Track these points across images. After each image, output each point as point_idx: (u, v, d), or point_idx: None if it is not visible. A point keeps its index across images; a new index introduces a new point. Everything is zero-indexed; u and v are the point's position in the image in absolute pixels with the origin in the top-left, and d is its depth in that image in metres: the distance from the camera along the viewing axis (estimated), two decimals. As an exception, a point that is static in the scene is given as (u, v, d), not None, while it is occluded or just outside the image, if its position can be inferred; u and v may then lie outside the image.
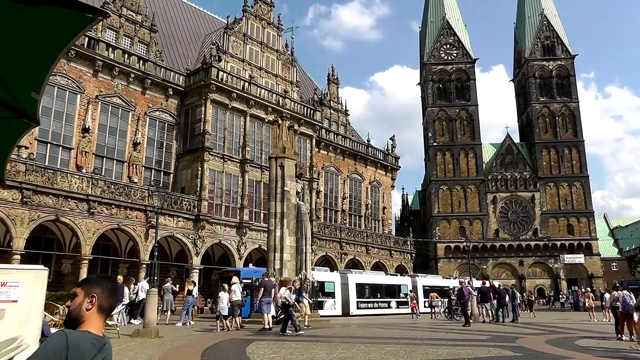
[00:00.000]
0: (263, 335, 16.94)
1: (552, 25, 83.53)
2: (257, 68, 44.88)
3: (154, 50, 39.23)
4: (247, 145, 40.80)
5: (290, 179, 25.78)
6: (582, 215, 76.61)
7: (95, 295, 2.49)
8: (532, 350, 13.15)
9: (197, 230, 36.62)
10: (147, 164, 37.75)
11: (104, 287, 2.55)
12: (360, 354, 11.92)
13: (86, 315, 2.46)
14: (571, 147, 78.74)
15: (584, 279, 72.05)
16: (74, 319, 2.46)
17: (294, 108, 45.68)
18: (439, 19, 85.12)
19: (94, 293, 2.50)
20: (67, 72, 33.36)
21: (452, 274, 72.83)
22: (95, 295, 2.49)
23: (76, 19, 2.06)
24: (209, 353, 12.12)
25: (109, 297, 2.55)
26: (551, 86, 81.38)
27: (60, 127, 33.03)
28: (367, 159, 57.64)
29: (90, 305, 2.47)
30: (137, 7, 39.01)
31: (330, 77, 56.75)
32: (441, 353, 12.23)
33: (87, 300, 2.48)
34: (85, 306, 2.47)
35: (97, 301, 2.49)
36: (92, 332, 2.41)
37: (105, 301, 2.52)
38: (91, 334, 2.40)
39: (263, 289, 19.83)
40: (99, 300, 2.49)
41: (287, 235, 24.93)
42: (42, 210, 28.81)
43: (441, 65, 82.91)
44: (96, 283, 2.56)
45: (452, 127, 79.94)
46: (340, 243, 49.55)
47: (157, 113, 38.60)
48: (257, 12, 46.06)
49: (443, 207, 77.37)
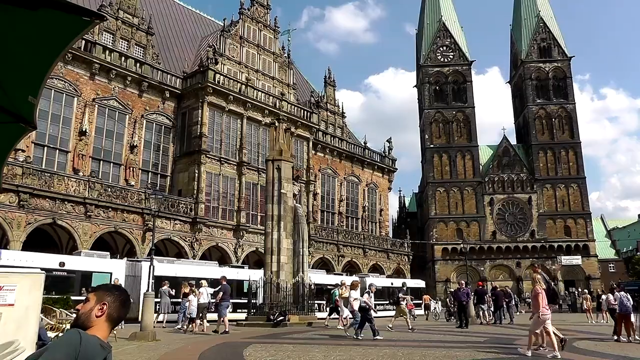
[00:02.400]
0: (260, 338, 16.91)
1: (548, 27, 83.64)
2: (253, 70, 44.89)
3: (151, 53, 39.23)
4: (244, 148, 40.82)
5: (287, 181, 25.77)
6: (579, 217, 76.67)
7: (107, 303, 2.51)
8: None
9: (194, 233, 36.60)
10: (144, 167, 37.73)
11: (117, 297, 2.57)
12: (358, 356, 11.91)
13: (95, 321, 2.47)
14: (568, 149, 78.80)
15: (581, 281, 72.04)
16: (82, 324, 2.47)
17: (291, 110, 45.70)
18: (435, 21, 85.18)
19: (106, 301, 2.52)
20: (64, 75, 33.34)
21: (449, 276, 73.02)
22: (107, 303, 2.51)
23: (73, 23, 2.05)
24: (206, 356, 12.09)
25: (120, 308, 2.57)
26: (548, 88, 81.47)
27: (57, 130, 33.02)
28: (364, 161, 57.68)
29: (100, 312, 2.49)
30: (134, 10, 39.02)
31: (327, 80, 56.80)
32: (438, 355, 12.22)
33: (98, 307, 2.50)
34: (95, 312, 2.49)
35: (108, 309, 2.50)
36: (100, 339, 2.42)
37: (116, 311, 2.54)
38: (99, 340, 2.41)
39: (222, 292, 19.88)
40: (109, 308, 2.51)
41: (284, 238, 24.91)
42: (39, 213, 28.78)
43: (437, 67, 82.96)
44: (109, 292, 2.58)
45: (448, 129, 79.98)
46: (337, 245, 49.55)
47: (153, 116, 38.59)
48: (254, 15, 46.10)
49: (440, 209, 77.34)
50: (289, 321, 22.50)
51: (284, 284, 24.19)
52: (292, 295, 24.44)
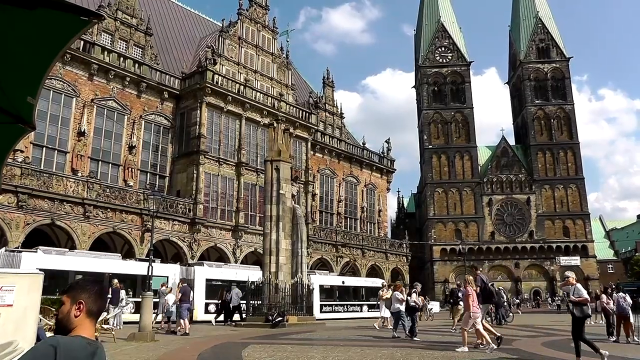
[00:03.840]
0: (259, 339, 16.90)
1: (546, 27, 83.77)
2: (252, 71, 44.86)
3: (150, 54, 39.21)
4: (242, 149, 40.80)
5: (285, 182, 25.77)
6: (578, 217, 76.79)
7: (83, 301, 2.45)
8: (529, 352, 13.14)
9: (192, 233, 36.57)
10: (142, 168, 37.70)
11: (90, 291, 2.51)
12: (357, 356, 11.90)
13: (75, 322, 2.42)
14: (566, 149, 78.93)
15: (580, 281, 72.03)
16: (64, 328, 2.42)
17: (290, 111, 45.69)
18: (433, 22, 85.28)
19: (81, 299, 2.45)
20: (63, 75, 33.32)
21: (448, 277, 73.09)
22: (83, 301, 2.45)
23: (71, 22, 2.05)
24: (204, 357, 12.08)
25: (97, 300, 2.51)
26: (546, 88, 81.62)
27: (55, 130, 32.98)
28: (363, 162, 57.68)
29: (79, 312, 2.43)
30: (133, 10, 39.00)
31: (325, 80, 56.79)
32: (437, 356, 12.22)
33: (75, 307, 2.44)
34: (73, 313, 2.43)
35: (85, 306, 2.45)
36: (85, 337, 2.39)
37: (94, 305, 2.48)
38: (84, 339, 2.37)
39: (182, 294, 19.90)
40: (86, 305, 2.45)
41: (283, 239, 24.92)
42: (38, 214, 28.75)
43: (436, 68, 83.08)
44: (81, 288, 2.51)
45: (447, 130, 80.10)
46: (335, 246, 49.51)
47: (152, 116, 38.57)
48: (252, 15, 46.07)
49: (439, 209, 77.43)
50: (287, 322, 22.52)
51: (283, 285, 24.20)
52: (291, 295, 24.45)
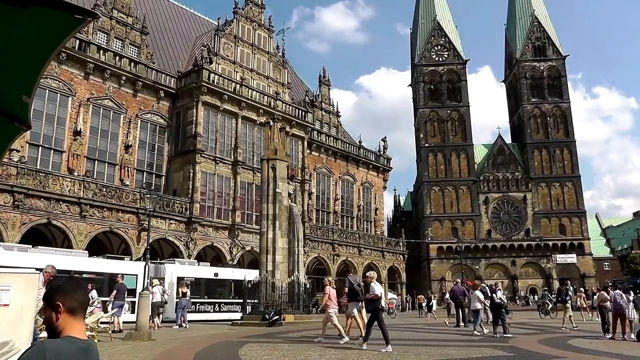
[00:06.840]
0: (256, 338, 16.91)
1: (542, 26, 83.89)
2: (248, 70, 44.83)
3: (145, 53, 39.13)
4: (238, 147, 40.76)
5: (282, 180, 25.78)
6: (574, 215, 76.96)
7: (59, 303, 2.40)
8: (525, 350, 13.18)
9: (189, 232, 36.54)
10: (138, 167, 37.65)
11: (64, 290, 2.46)
12: (353, 355, 11.91)
13: (59, 324, 2.39)
14: (562, 148, 79.11)
15: (576, 279, 72.17)
16: (53, 332, 2.40)
17: (286, 110, 45.67)
18: (429, 20, 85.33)
19: (57, 301, 2.41)
20: (59, 74, 33.23)
21: (444, 275, 73.21)
22: (59, 303, 2.40)
23: (66, 21, 2.05)
24: (201, 356, 12.07)
25: (73, 296, 2.45)
26: (542, 87, 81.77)
27: (51, 130, 32.90)
28: (359, 161, 57.70)
29: (59, 314, 2.39)
30: (128, 9, 38.91)
31: (321, 79, 56.80)
32: (434, 354, 12.23)
33: (54, 311, 2.40)
34: (54, 318, 2.40)
35: (64, 307, 2.40)
36: (75, 336, 2.37)
37: (72, 302, 2.43)
38: (74, 338, 2.36)
39: (117, 291, 19.86)
40: (64, 305, 2.40)
41: (280, 237, 24.93)
42: (34, 213, 28.68)
43: (432, 66, 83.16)
44: (54, 291, 2.46)
45: (443, 128, 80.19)
46: (332, 245, 49.51)
47: (148, 115, 38.51)
48: (248, 14, 46.02)
49: (435, 208, 77.53)
50: (284, 320, 22.54)
51: (279, 283, 24.21)
52: (288, 294, 24.47)
